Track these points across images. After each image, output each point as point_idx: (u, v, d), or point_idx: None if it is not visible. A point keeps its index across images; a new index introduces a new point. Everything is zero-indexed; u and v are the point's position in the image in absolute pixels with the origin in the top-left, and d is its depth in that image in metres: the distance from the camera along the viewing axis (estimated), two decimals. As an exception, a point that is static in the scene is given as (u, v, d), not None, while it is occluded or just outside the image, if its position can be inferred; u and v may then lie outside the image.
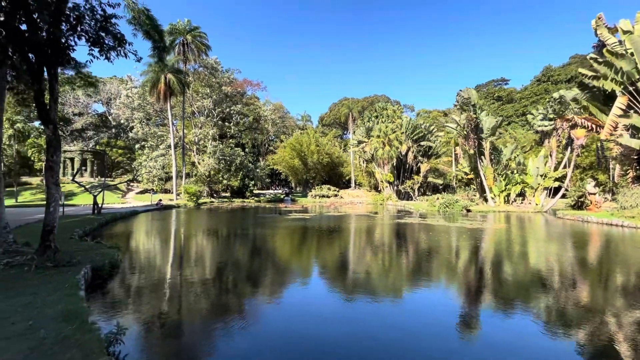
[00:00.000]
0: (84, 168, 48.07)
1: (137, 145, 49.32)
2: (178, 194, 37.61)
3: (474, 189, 33.78)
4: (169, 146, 41.93)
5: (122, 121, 50.73)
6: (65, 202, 24.17)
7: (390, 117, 46.79)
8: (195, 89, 45.68)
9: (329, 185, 48.42)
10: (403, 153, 40.60)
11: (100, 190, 22.39)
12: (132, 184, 48.14)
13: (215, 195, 43.13)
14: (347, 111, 62.97)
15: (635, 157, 19.56)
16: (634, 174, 19.60)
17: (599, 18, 20.27)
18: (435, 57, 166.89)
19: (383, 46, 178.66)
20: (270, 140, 68.52)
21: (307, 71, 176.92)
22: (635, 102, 18.55)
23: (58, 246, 7.49)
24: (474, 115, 29.68)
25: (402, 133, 41.15)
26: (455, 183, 40.28)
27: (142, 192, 43.93)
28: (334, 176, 55.18)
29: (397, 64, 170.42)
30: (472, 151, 31.00)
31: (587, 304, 5.79)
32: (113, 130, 56.35)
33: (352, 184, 54.06)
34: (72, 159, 47.44)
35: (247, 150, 57.93)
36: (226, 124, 49.38)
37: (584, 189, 23.58)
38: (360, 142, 45.71)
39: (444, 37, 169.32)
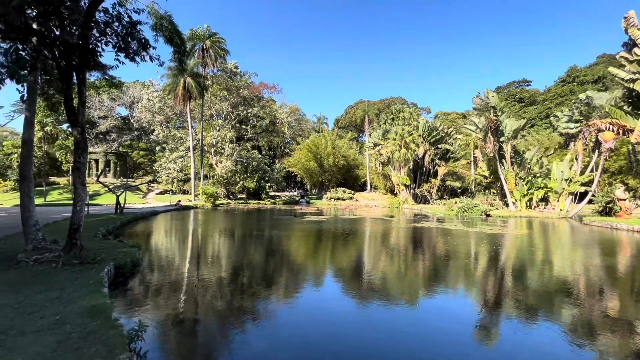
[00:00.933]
0: (107, 169, 49.94)
1: (157, 148, 50.90)
2: (196, 195, 38.43)
3: (494, 193, 32.83)
4: (188, 148, 43.00)
5: (143, 124, 52.47)
6: (90, 202, 25.19)
7: (407, 119, 46.24)
8: (214, 92, 46.70)
9: (344, 188, 48.26)
10: (420, 156, 40.00)
11: (122, 190, 23.19)
12: (152, 184, 49.61)
13: (231, 196, 43.81)
14: (362, 113, 62.71)
15: (670, 161, 18.49)
16: (668, 179, 18.52)
17: (630, 17, 19.36)
18: (453, 58, 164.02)
19: (400, 47, 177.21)
20: (286, 143, 69.03)
21: (323, 73, 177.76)
22: (669, 103, 17.56)
23: (83, 244, 7.79)
24: (494, 118, 28.90)
25: (418, 136, 40.57)
26: (474, 187, 39.29)
27: (161, 193, 45.19)
28: (349, 179, 54.96)
29: (415, 65, 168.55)
30: (492, 154, 30.17)
31: (614, 321, 5.48)
32: (135, 132, 58.33)
33: (368, 187, 53.65)
34: (96, 160, 49.39)
35: (263, 152, 58.60)
36: (243, 126, 50.19)
37: (613, 194, 22.46)
38: (376, 145, 45.36)
39: (462, 37, 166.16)
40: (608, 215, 22.14)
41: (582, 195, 27.00)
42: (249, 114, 48.50)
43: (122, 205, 20.37)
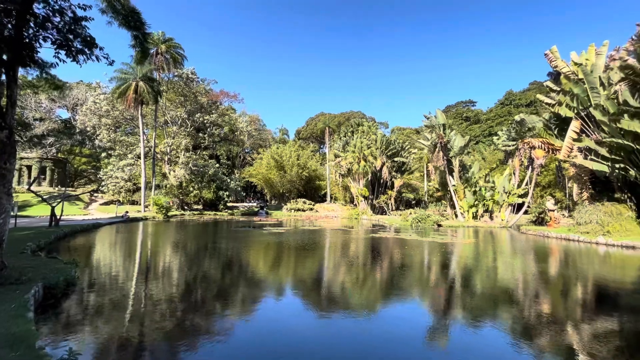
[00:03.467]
0: (42, 177, 44.87)
1: (103, 154, 46.97)
2: (146, 206, 35.91)
3: (445, 204, 34.94)
4: (138, 156, 40.28)
5: (88, 128, 48.29)
6: (19, 213, 22.31)
7: (366, 133, 47.93)
8: (169, 98, 44.62)
9: (304, 199, 48.26)
10: (378, 168, 41.47)
11: (59, 200, 20.89)
12: (96, 194, 45.47)
13: (186, 207, 41.61)
14: (323, 126, 63.84)
15: (588, 177, 21.18)
16: (588, 193, 21.16)
17: (553, 51, 22.21)
18: (410, 77, 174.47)
19: (361, 63, 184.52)
20: (246, 153, 67.70)
21: (285, 85, 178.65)
22: (587, 126, 20.24)
23: (6, 262, 6.82)
24: (443, 134, 31.07)
25: (376, 149, 42.16)
26: (427, 198, 41.52)
27: (107, 204, 41.55)
28: (310, 190, 55.16)
29: (374, 81, 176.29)
30: (442, 168, 32.24)
31: (549, 315, 6.04)
32: (78, 137, 53.39)
33: (328, 198, 54.24)
34: (29, 167, 44.21)
35: (221, 161, 56.75)
36: (200, 134, 48.35)
37: (544, 206, 25.10)
38: (336, 157, 46.25)
39: (418, 58, 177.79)
40: (541, 225, 24.63)
41: (520, 207, 29.83)
42: (206, 122, 46.90)
43: (57, 217, 18.32)
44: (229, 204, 47.14)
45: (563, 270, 10.81)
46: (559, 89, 21.84)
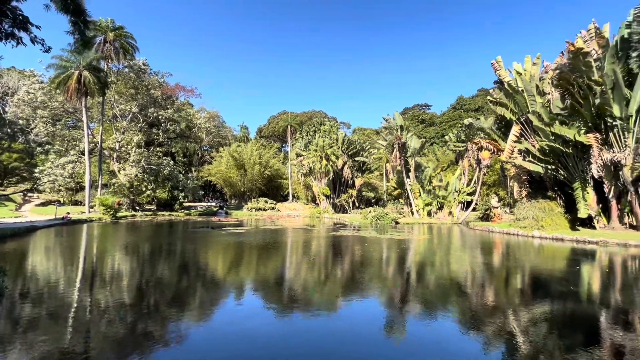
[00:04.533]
0: (-38, 174, 39.27)
1: (38, 149, 42.37)
2: (92, 207, 33.04)
3: (402, 202, 36.53)
4: (82, 152, 36.88)
5: (20, 120, 43.16)
6: None
7: (328, 132, 48.47)
8: (119, 90, 41.38)
9: (266, 198, 47.58)
10: (339, 167, 42.15)
11: (-16, 201, 18.41)
12: (30, 194, 40.85)
13: (138, 208, 38.96)
14: (285, 124, 63.38)
15: (526, 177, 23.43)
16: (526, 191, 23.41)
17: (497, 61, 24.22)
18: (371, 78, 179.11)
19: (323, 63, 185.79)
20: (205, 150, 65.08)
21: (246, 83, 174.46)
22: (525, 130, 22.38)
23: None
24: (401, 136, 32.48)
25: (338, 148, 42.83)
26: (386, 197, 43.07)
27: (43, 204, 37.53)
28: (272, 189, 54.52)
29: (336, 82, 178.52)
30: (399, 168, 33.67)
31: (493, 302, 6.61)
32: (7, 129, 47.48)
33: (290, 197, 54.01)
34: (-56, 163, 38.43)
35: (177, 159, 53.95)
36: (154, 130, 45.49)
37: (490, 204, 27.32)
38: (298, 156, 46.21)
39: (379, 60, 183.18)
40: (486, 220, 26.75)
41: (469, 204, 32.13)
42: (160, 117, 44.22)
43: (-18, 220, 16.14)
44: (186, 204, 44.98)
45: (504, 262, 11.87)
46: (502, 95, 23.86)
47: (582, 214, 17.99)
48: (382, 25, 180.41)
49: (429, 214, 32.18)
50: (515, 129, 22.75)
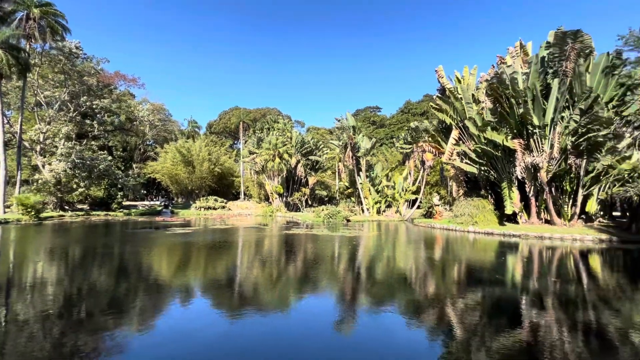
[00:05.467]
0: None
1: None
2: (8, 207, 28.85)
3: (354, 200, 37.70)
4: (-4, 143, 31.94)
5: None
6: None
7: (282, 130, 48.09)
8: (44, 74, 36.61)
9: (215, 197, 45.72)
10: (293, 166, 42.11)
11: None
12: None
13: (67, 207, 34.88)
14: (237, 120, 61.57)
15: (463, 177, 25.68)
16: (463, 190, 25.66)
17: (440, 70, 26.17)
18: (325, 78, 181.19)
19: (278, 60, 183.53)
20: (148, 145, 60.50)
21: (195, 76, 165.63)
22: (463, 135, 24.50)
23: None
24: (353, 136, 33.51)
25: (292, 147, 42.75)
26: (339, 195, 44.09)
27: (-58, 204, 31.70)
28: (222, 187, 52.55)
29: (291, 80, 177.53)
30: (351, 167, 34.72)
31: (434, 293, 7.18)
32: None
33: (242, 196, 52.62)
34: None
35: (115, 154, 49.48)
36: (87, 121, 41.08)
37: (432, 202, 29.44)
38: (251, 153, 45.20)
39: (334, 61, 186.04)
40: (429, 217, 28.79)
41: (414, 202, 34.30)
42: (95, 107, 40.04)
43: None
44: (126, 203, 41.41)
45: (443, 255, 12.92)
46: (443, 102, 25.84)
47: (508, 210, 20.30)
48: (337, 26, 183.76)
49: (378, 212, 33.67)
50: (454, 133, 24.80)
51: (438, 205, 28.42)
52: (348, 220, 29.24)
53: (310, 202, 44.23)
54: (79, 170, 33.63)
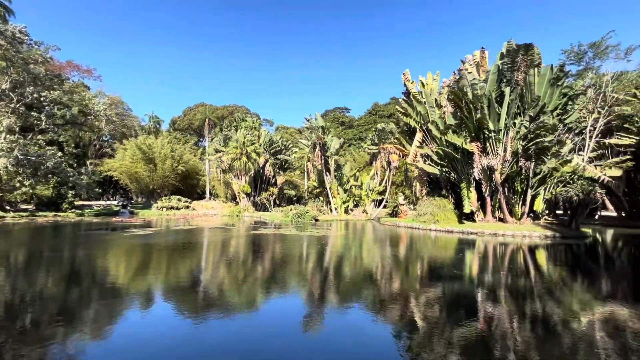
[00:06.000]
0: None
1: None
2: None
3: (322, 200, 37.99)
4: None
5: None
6: None
7: (250, 128, 47.23)
8: (-20, 60, 32.87)
9: (179, 196, 43.87)
10: (261, 165, 41.54)
11: None
12: None
13: (9, 207, 31.66)
14: (203, 117, 59.42)
15: (426, 178, 26.86)
16: (426, 190, 26.84)
17: (406, 74, 27.15)
18: (296, 78, 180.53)
19: (247, 57, 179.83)
20: (104, 141, 56.65)
21: (159, 70, 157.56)
22: (426, 137, 25.62)
23: None
24: (322, 136, 33.76)
25: (260, 145, 42.14)
26: (307, 195, 44.18)
27: None
28: (187, 186, 50.52)
29: (261, 78, 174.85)
30: (320, 167, 34.95)
31: (399, 289, 7.45)
32: None
33: (207, 195, 50.95)
34: None
35: (67, 150, 45.88)
36: (34, 113, 37.53)
37: (397, 201, 30.46)
38: (217, 151, 43.92)
39: (304, 61, 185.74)
40: (395, 216, 29.76)
41: (380, 202, 35.27)
42: (44, 99, 36.70)
43: None
44: (78, 203, 38.47)
45: (407, 253, 13.43)
46: (409, 106, 26.84)
47: (467, 209, 21.55)
48: (307, 26, 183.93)
49: (346, 211, 34.21)
50: (418, 136, 25.86)
51: (403, 204, 29.46)
52: (316, 220, 29.40)
53: (278, 202, 43.90)
54: (22, 167, 30.65)
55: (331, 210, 34.58)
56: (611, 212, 33.00)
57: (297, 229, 21.50)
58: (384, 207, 34.38)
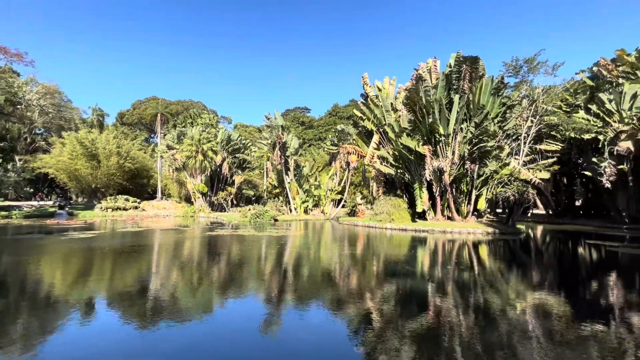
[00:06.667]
0: None
1: None
2: None
3: (282, 200, 37.72)
4: None
5: None
6: None
7: (207, 125, 45.36)
8: None
9: (127, 196, 40.73)
10: (218, 164, 40.08)
11: None
12: None
13: None
14: (155, 112, 55.82)
15: (382, 178, 27.93)
16: (382, 190, 27.91)
17: (365, 77, 27.99)
18: (256, 76, 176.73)
19: (204, 52, 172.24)
20: (37, 134, 50.79)
21: (106, 60, 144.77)
22: (383, 139, 26.63)
23: None
24: (282, 135, 33.54)
25: (217, 143, 40.65)
26: (266, 195, 43.57)
27: None
28: (135, 185, 47.05)
29: (219, 74, 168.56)
30: (279, 167, 34.69)
31: (357, 286, 7.68)
32: None
33: (159, 195, 48.00)
34: None
35: (-11, 143, 40.43)
36: (-54, 101, 32.44)
37: (355, 201, 31.29)
38: (170, 149, 41.57)
39: (267, 59, 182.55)
40: (353, 216, 30.53)
41: (339, 201, 35.96)
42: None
43: None
44: (4, 204, 34.04)
45: (364, 251, 13.88)
46: (367, 108, 27.70)
47: (419, 208, 22.80)
48: (268, 22, 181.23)
49: (306, 211, 34.34)
50: (375, 138, 26.80)
51: (361, 204, 30.32)
52: (276, 220, 29.13)
53: (236, 202, 42.73)
54: None
55: (290, 210, 34.48)
56: (541, 210, 37.06)
57: (255, 230, 21.13)
58: (343, 206, 35.09)
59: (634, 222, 24.12)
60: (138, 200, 40.82)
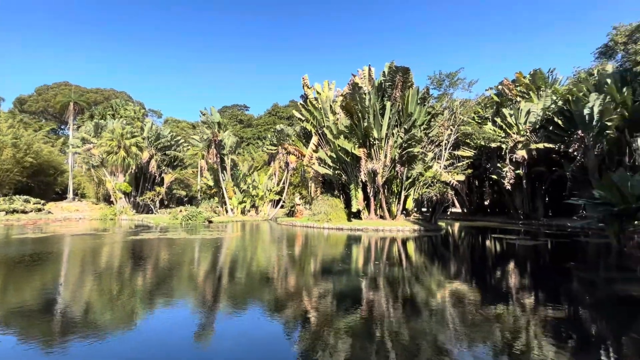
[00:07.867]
0: None
1: None
2: None
3: (217, 201, 36.02)
4: None
5: None
6: None
7: (131, 118, 41.09)
8: None
9: (27, 197, 34.69)
10: (145, 161, 36.56)
11: None
12: None
13: None
14: (66, 99, 48.63)
15: (321, 179, 28.57)
16: (320, 190, 28.52)
17: (305, 79, 28.32)
18: (192, 69, 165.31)
19: (130, 39, 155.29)
20: None
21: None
22: (322, 141, 27.24)
23: None
24: (218, 132, 32.07)
25: (143, 139, 37.08)
26: (200, 195, 41.15)
27: None
28: (39, 184, 40.35)
29: (147, 63, 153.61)
30: (215, 166, 33.09)
31: (295, 287, 7.70)
32: None
33: (70, 195, 41.99)
34: None
35: None
36: None
37: (294, 201, 31.43)
38: (85, 142, 36.63)
39: (203, 52, 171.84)
40: (292, 216, 30.60)
41: (278, 202, 35.73)
42: None
43: None
44: None
45: (302, 250, 14.02)
46: (306, 110, 28.06)
47: (354, 208, 23.87)
48: (208, 16, 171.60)
49: (243, 212, 33.36)
50: (314, 139, 27.29)
51: (299, 204, 30.56)
52: (210, 222, 27.69)
53: (167, 203, 39.55)
54: None
55: (227, 211, 33.13)
56: (457, 209, 41.83)
57: (187, 232, 19.80)
58: (282, 207, 34.96)
59: (527, 218, 28.76)
60: (42, 202, 35.13)
